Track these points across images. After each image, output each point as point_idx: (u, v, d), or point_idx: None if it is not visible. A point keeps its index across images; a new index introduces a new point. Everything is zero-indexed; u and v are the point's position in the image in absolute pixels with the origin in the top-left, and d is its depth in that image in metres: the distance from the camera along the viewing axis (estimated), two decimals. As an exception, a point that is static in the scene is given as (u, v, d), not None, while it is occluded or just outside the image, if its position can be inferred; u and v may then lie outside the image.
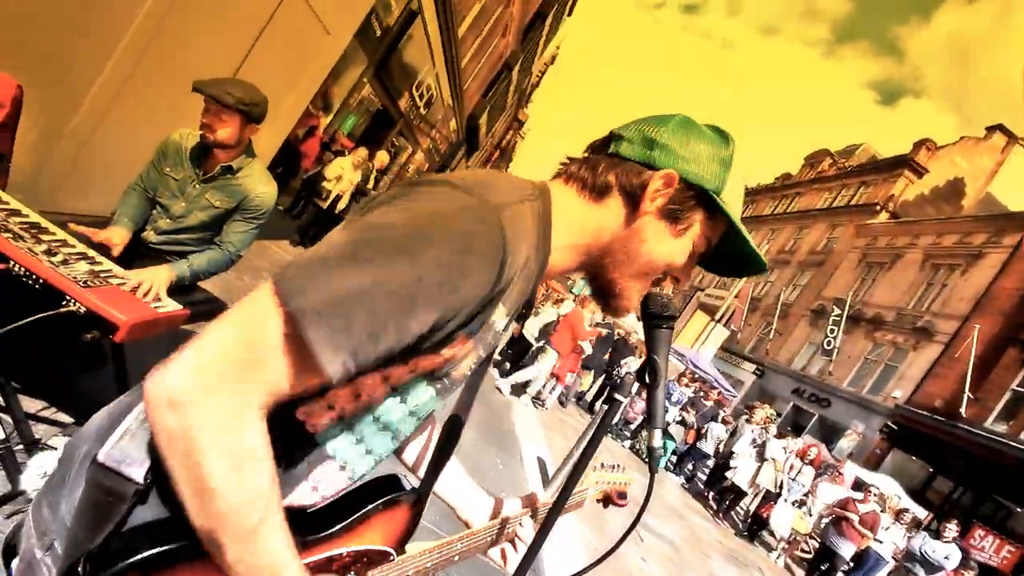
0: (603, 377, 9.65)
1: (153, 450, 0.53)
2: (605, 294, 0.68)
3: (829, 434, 17.60)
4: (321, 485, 0.61)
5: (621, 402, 1.09)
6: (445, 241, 0.47)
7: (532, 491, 0.94)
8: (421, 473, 0.83)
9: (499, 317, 0.58)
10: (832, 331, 18.86)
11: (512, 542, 0.87)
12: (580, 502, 0.98)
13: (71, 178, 2.96)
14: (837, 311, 18.95)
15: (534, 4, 20.28)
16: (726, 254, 0.70)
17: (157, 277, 1.83)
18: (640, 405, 7.43)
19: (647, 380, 0.67)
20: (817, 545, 7.56)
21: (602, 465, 1.01)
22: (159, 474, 0.51)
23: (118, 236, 1.92)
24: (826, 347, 18.93)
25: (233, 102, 1.93)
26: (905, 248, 19.18)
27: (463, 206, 0.51)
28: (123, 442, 0.54)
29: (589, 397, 9.94)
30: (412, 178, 0.57)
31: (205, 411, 0.43)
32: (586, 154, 0.69)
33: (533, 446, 5.44)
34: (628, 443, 8.16)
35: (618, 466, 1.04)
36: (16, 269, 1.35)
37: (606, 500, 1.03)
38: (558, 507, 0.70)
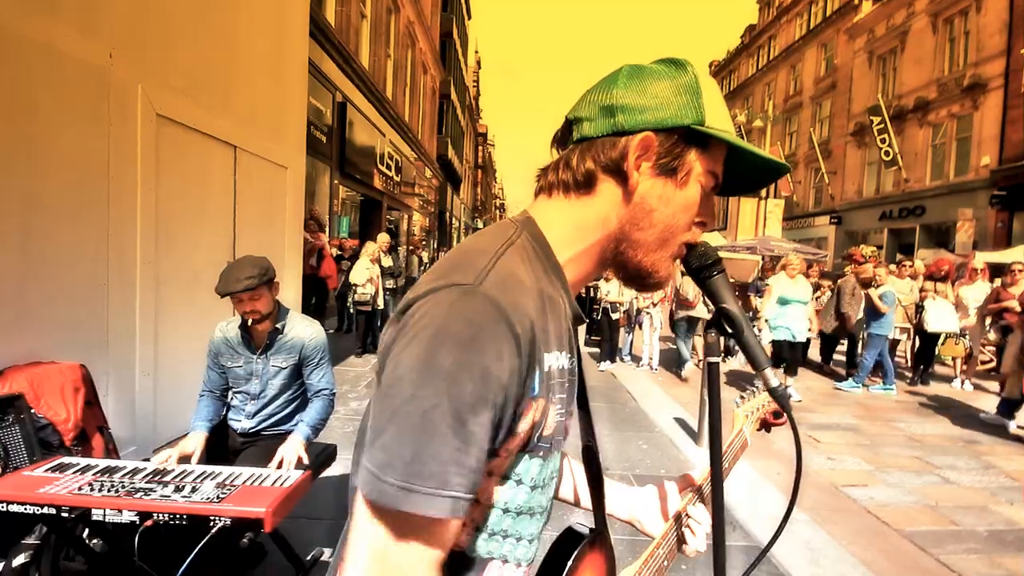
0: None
1: None
2: (638, 278, 0.66)
3: (940, 238, 16.24)
4: None
5: (717, 363, 1.05)
6: (453, 350, 0.48)
7: (686, 472, 0.92)
8: (585, 501, 0.85)
9: (553, 360, 0.57)
10: (884, 141, 17.51)
11: (688, 527, 0.85)
12: (744, 443, 0.96)
13: (161, 412, 3.22)
14: (877, 119, 17.61)
15: (435, 31, 20.55)
16: (740, 173, 0.66)
17: (293, 447, 2.10)
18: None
19: (728, 330, 0.64)
20: (994, 350, 6.93)
21: (742, 398, 1.00)
22: None
23: (191, 443, 2.13)
24: (886, 159, 17.59)
25: (257, 283, 2.14)
26: (907, 22, 17.67)
27: (449, 304, 0.50)
28: None
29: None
30: (400, 305, 0.56)
31: None
32: (553, 151, 0.67)
33: (665, 412, 5.33)
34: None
35: (756, 388, 1.02)
36: (161, 519, 1.48)
37: (765, 426, 1.02)
38: (718, 481, 0.68)
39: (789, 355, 5.94)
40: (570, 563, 0.66)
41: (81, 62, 2.59)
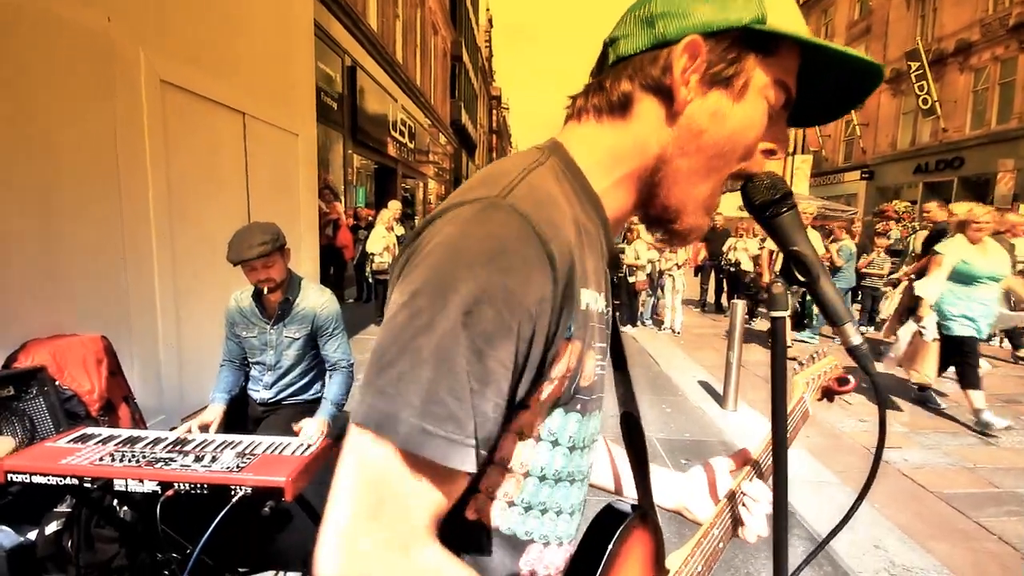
0: (715, 270, 9.18)
1: None
2: (660, 221, 0.56)
3: (978, 191, 15.45)
4: (539, 566, 0.55)
5: (784, 318, 0.92)
6: (471, 269, 0.41)
7: (743, 447, 0.82)
8: (628, 490, 0.76)
9: (591, 300, 0.50)
10: (922, 88, 16.50)
11: (744, 505, 0.76)
12: (804, 413, 0.85)
13: (187, 381, 3.26)
14: (915, 64, 16.56)
15: (444, -14, 19.78)
16: (818, 87, 0.54)
17: (317, 426, 2.07)
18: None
19: (801, 279, 0.54)
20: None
21: (801, 364, 0.89)
22: None
23: (210, 416, 2.13)
24: (924, 107, 16.61)
25: (271, 249, 2.08)
26: (951, -44, 16.35)
27: (465, 220, 0.43)
28: None
29: (711, 297, 9.50)
30: (414, 231, 0.49)
31: (375, 570, 0.40)
32: (591, 79, 0.58)
33: (688, 375, 5.25)
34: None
35: (817, 353, 0.91)
36: (182, 488, 1.46)
37: (827, 394, 0.90)
38: (782, 443, 0.59)
39: (971, 357, 3.85)
40: (611, 546, 0.58)
41: (80, 27, 2.50)
